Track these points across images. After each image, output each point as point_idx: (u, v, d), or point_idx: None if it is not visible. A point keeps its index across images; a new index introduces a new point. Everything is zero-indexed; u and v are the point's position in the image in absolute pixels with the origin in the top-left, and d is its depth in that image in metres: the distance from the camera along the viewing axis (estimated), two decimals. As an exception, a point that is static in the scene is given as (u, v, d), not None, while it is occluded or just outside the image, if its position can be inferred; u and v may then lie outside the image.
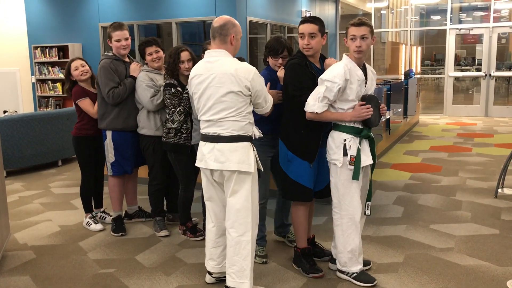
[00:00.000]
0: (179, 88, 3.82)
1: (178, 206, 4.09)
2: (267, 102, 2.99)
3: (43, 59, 10.19)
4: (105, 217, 4.51)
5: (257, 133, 2.98)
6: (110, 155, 4.15)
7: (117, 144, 4.10)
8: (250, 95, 2.87)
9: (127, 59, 4.17)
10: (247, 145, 2.90)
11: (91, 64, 4.33)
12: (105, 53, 4.16)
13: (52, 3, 10.09)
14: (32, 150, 6.54)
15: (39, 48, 10.19)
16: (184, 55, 3.84)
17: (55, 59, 10.07)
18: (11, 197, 5.44)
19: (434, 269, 3.39)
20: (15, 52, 10.32)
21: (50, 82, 10.34)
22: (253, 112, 3.40)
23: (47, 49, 10.14)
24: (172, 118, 3.83)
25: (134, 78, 4.04)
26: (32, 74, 10.45)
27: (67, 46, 9.89)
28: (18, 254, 3.85)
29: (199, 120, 3.06)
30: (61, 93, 10.22)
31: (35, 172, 6.68)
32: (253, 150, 2.94)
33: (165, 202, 4.42)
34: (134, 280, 3.35)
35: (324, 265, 3.45)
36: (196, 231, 4.09)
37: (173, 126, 3.83)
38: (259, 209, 3.58)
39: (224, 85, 2.82)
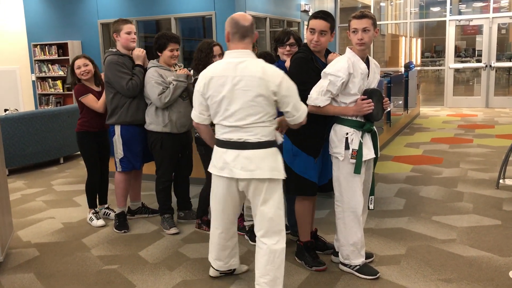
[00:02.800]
0: None
1: (200, 200, 4.09)
2: (298, 110, 2.75)
3: (42, 57, 10.18)
4: (109, 213, 4.52)
5: (280, 138, 2.85)
6: (119, 151, 4.13)
7: (126, 139, 4.08)
8: (276, 100, 2.69)
9: (130, 54, 4.13)
10: (275, 150, 2.76)
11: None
12: (109, 50, 4.11)
13: (50, 1, 10.06)
14: (34, 148, 6.55)
15: (38, 46, 10.18)
16: (216, 50, 3.92)
17: (55, 56, 10.06)
18: (14, 195, 5.45)
19: (436, 261, 3.40)
20: (14, 50, 10.31)
21: (50, 79, 10.33)
22: None
23: (46, 47, 10.14)
24: None
25: (141, 67, 4.03)
26: (32, 72, 10.45)
27: (66, 43, 9.88)
28: (22, 251, 3.87)
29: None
30: (62, 90, 10.22)
31: (37, 170, 6.70)
32: (280, 155, 2.82)
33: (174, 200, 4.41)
34: (137, 276, 3.37)
35: (327, 258, 3.47)
36: None
37: None
38: None
39: (252, 89, 2.61)
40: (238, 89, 2.63)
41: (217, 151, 2.79)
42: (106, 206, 4.59)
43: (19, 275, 3.45)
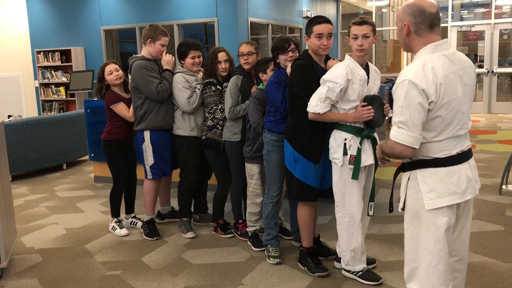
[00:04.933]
0: (218, 87, 3.93)
1: (213, 203, 4.12)
2: None
3: (46, 63, 10.23)
4: (136, 222, 4.41)
5: None
6: (149, 158, 4.08)
7: (156, 145, 4.05)
8: None
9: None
10: None
11: (95, 67, 4.31)
12: (135, 55, 4.11)
13: (54, 7, 10.13)
14: (37, 154, 6.58)
15: (42, 53, 10.24)
16: (221, 56, 3.93)
17: (58, 63, 10.12)
18: (17, 201, 5.47)
19: (439, 267, 3.39)
20: (18, 57, 10.38)
21: (53, 86, 10.38)
22: (273, 111, 3.40)
23: (50, 53, 10.19)
24: (212, 116, 3.93)
25: (170, 71, 4.03)
26: (36, 78, 10.50)
27: (69, 50, 9.93)
28: (25, 257, 3.88)
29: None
30: (65, 96, 10.26)
31: (40, 176, 6.72)
32: None
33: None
34: (141, 281, 3.37)
35: (330, 264, 3.46)
36: (227, 228, 4.12)
37: (213, 123, 3.93)
38: (271, 207, 3.60)
39: (472, 80, 2.19)
40: (466, 84, 2.15)
41: (447, 172, 2.17)
42: (132, 215, 4.47)
43: (23, 280, 3.46)
